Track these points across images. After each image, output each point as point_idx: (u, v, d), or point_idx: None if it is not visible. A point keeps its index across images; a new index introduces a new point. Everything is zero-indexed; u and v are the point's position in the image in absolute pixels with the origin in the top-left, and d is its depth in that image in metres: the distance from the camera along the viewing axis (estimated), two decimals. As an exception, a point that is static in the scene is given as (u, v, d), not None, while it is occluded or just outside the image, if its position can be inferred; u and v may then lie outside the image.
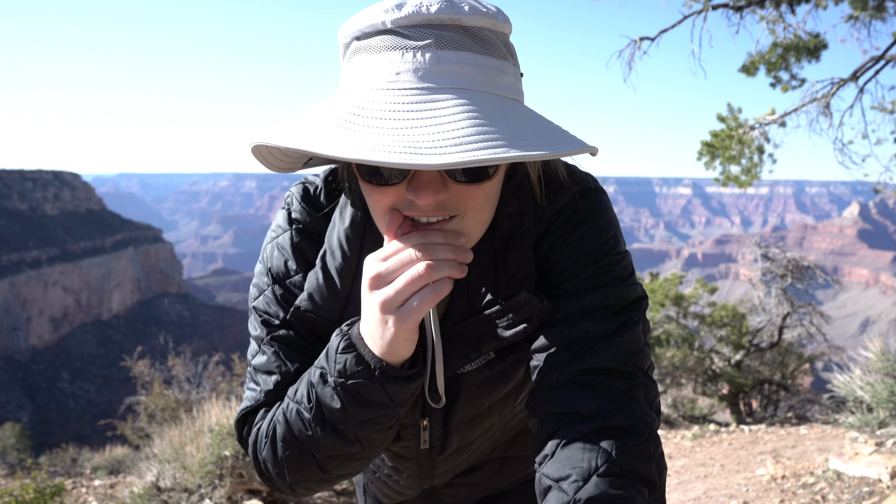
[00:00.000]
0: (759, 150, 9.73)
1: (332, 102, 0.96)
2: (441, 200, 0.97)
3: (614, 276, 1.10)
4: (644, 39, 9.54)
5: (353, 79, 0.96)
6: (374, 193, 1.00)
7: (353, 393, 1.01)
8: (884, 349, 5.29)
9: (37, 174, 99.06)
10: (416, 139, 0.84)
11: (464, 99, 0.89)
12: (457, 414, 1.24)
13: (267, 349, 1.17)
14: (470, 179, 0.97)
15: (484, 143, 0.83)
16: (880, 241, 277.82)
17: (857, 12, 8.85)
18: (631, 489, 0.94)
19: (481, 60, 0.94)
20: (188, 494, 4.95)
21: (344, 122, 0.88)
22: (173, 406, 9.35)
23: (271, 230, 1.23)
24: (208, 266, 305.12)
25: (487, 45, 0.96)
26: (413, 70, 0.91)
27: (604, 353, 1.04)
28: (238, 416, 1.19)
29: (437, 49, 0.91)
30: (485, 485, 1.54)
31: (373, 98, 0.90)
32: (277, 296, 1.18)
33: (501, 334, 1.10)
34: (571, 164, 1.21)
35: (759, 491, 5.02)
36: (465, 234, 1.01)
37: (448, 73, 0.91)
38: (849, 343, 56.35)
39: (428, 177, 0.95)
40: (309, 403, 1.05)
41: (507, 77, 0.98)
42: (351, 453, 1.08)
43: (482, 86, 0.93)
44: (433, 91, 0.90)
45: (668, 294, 12.14)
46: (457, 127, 0.85)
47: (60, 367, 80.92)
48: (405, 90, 0.90)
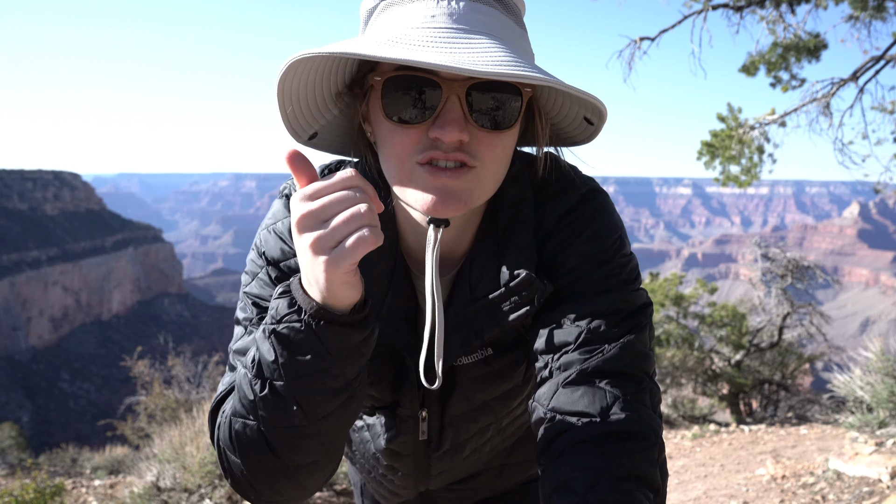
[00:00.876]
0: (759, 149, 9.72)
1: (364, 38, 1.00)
2: (463, 142, 0.98)
3: (622, 279, 1.11)
4: (644, 39, 9.53)
5: (385, 25, 1.00)
6: (396, 136, 1.00)
7: (284, 339, 0.90)
8: (884, 349, 5.29)
9: (37, 174, 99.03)
10: (457, 58, 0.90)
11: (496, 40, 0.96)
12: (451, 406, 1.25)
13: (255, 329, 1.11)
14: (492, 125, 1.00)
15: (520, 67, 0.90)
16: (880, 241, 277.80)
17: (857, 12, 8.84)
18: (637, 493, 0.94)
19: (508, 21, 1.02)
20: (188, 494, 4.95)
21: (383, 43, 0.93)
22: (173, 406, 9.36)
23: (266, 218, 1.22)
24: (208, 266, 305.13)
25: (512, 13, 1.04)
26: (448, 14, 0.97)
27: (613, 355, 1.04)
28: (211, 408, 1.10)
29: (471, 1, 0.99)
30: (484, 490, 1.55)
31: (409, 33, 0.95)
32: (272, 277, 1.14)
33: (504, 318, 1.11)
34: (573, 166, 1.22)
35: (759, 491, 5.02)
36: (483, 185, 1.03)
37: (480, 21, 0.98)
38: (849, 343, 56.37)
39: (455, 114, 0.97)
40: (252, 363, 0.95)
41: (527, 45, 1.06)
42: (294, 424, 0.95)
43: (510, 40, 1.00)
44: (467, 31, 0.96)
45: (668, 294, 12.14)
46: (493, 53, 0.92)
47: (60, 367, 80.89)
48: (441, 28, 0.95)
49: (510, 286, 1.10)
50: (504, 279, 1.11)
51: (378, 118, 1.03)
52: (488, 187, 1.05)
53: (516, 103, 1.01)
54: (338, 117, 1.14)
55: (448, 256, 1.19)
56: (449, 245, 1.17)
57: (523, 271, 1.09)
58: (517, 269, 1.10)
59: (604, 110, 1.04)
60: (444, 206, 1.00)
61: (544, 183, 1.18)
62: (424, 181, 1.00)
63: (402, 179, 1.02)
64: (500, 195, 1.14)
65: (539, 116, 1.12)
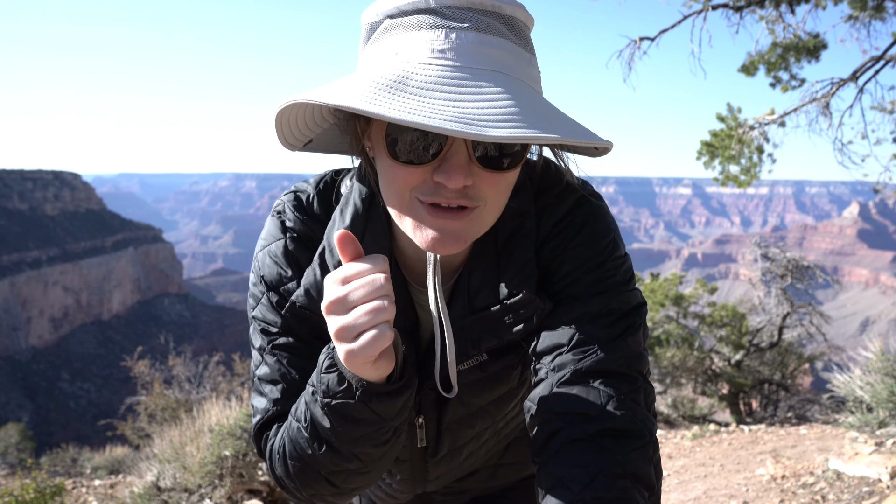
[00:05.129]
0: (758, 149, 9.72)
1: (366, 72, 0.94)
2: (467, 186, 0.97)
3: (616, 280, 1.12)
4: (644, 39, 9.53)
5: (390, 52, 0.95)
6: (399, 173, 0.97)
7: (340, 412, 0.98)
8: (883, 349, 5.28)
9: (37, 174, 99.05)
10: (467, 111, 0.84)
11: (503, 83, 0.91)
12: (448, 413, 1.25)
13: (269, 359, 1.16)
14: (497, 167, 0.97)
15: (527, 124, 0.85)
16: (880, 241, 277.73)
17: (856, 12, 8.84)
18: (632, 490, 0.95)
19: (517, 49, 0.97)
20: (188, 494, 4.95)
21: (388, 87, 0.88)
22: (173, 406, 9.37)
23: (262, 238, 1.22)
24: (208, 266, 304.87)
25: (520, 36, 0.99)
26: (456, 49, 0.92)
27: (607, 356, 1.05)
28: (254, 432, 1.20)
29: (479, 32, 0.93)
30: (477, 489, 1.57)
31: (416, 70, 0.90)
32: (273, 303, 1.16)
33: (502, 333, 1.11)
34: (569, 170, 1.20)
35: (759, 491, 5.03)
36: (484, 221, 1.02)
37: (488, 56, 0.93)
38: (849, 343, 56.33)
39: (460, 160, 0.95)
40: (305, 422, 1.04)
41: (534, 70, 1.01)
42: (352, 469, 1.07)
43: (517, 73, 0.96)
44: (475, 71, 0.91)
45: (668, 294, 12.14)
46: (503, 105, 0.86)
47: (60, 367, 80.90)
48: (449, 66, 0.90)
49: (509, 304, 1.10)
50: (503, 295, 1.10)
51: (380, 150, 1.01)
52: (489, 222, 1.03)
53: (522, 147, 0.99)
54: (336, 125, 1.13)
55: (446, 265, 1.18)
56: (448, 255, 1.16)
57: (523, 290, 1.09)
58: (517, 286, 1.10)
59: (609, 147, 1.00)
60: (443, 246, 0.99)
61: (542, 190, 1.17)
62: (424, 219, 0.99)
63: (401, 210, 1.01)
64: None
65: None
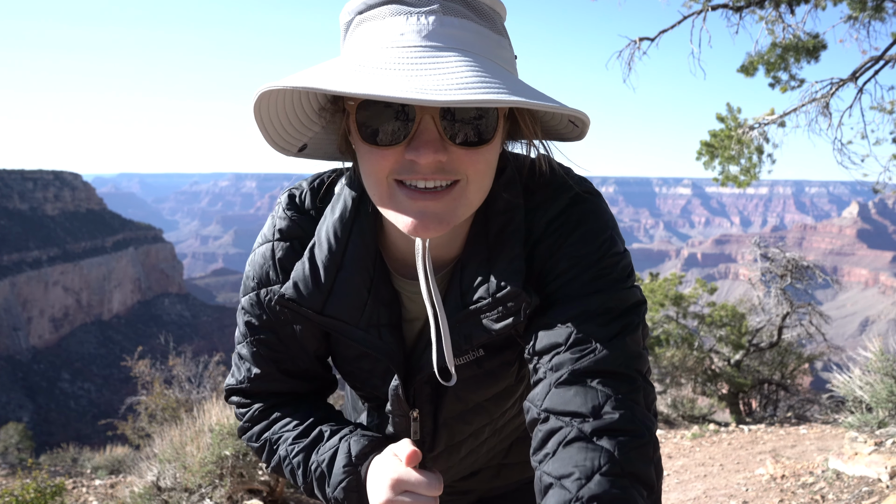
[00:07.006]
0: (758, 150, 9.72)
1: (335, 62, 0.98)
2: (441, 162, 0.97)
3: (613, 278, 1.10)
4: (643, 40, 9.53)
5: (358, 44, 0.98)
6: (372, 157, 1.00)
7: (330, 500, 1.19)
8: (883, 349, 5.29)
9: (37, 174, 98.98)
10: (422, 83, 0.86)
11: (467, 57, 0.93)
12: (444, 408, 1.25)
13: (249, 347, 1.27)
14: (470, 142, 0.99)
15: (486, 88, 0.87)
16: (880, 241, 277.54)
17: (856, 13, 8.84)
18: (631, 490, 0.95)
19: (482, 30, 0.99)
20: (188, 494, 4.95)
21: (350, 70, 0.91)
22: (174, 406, 9.37)
23: (260, 235, 1.26)
24: (208, 266, 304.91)
25: (486, 18, 1.01)
26: (417, 31, 0.94)
27: (606, 355, 1.04)
28: (226, 389, 1.35)
29: (442, 14, 0.96)
30: (481, 489, 1.56)
31: (378, 54, 0.93)
32: (259, 298, 1.23)
33: (491, 327, 1.12)
34: (567, 167, 1.21)
35: (759, 491, 5.03)
36: (468, 200, 1.03)
37: (451, 35, 0.95)
38: (848, 343, 56.23)
39: (428, 136, 0.96)
40: (305, 478, 1.22)
41: (504, 52, 1.02)
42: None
43: (483, 51, 0.97)
44: (437, 49, 0.93)
45: (667, 294, 12.14)
46: (461, 75, 0.88)
47: (61, 367, 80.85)
48: (410, 47, 0.93)
49: (496, 297, 1.10)
50: (491, 289, 1.11)
51: (356, 139, 1.03)
52: (473, 202, 1.04)
53: (492, 116, 1.00)
54: (325, 129, 1.15)
55: (439, 259, 1.19)
56: (440, 249, 1.17)
57: (510, 284, 1.09)
58: (504, 280, 1.10)
59: (584, 118, 1.02)
60: (425, 229, 1.00)
61: (536, 187, 1.17)
62: (404, 203, 1.00)
63: (381, 199, 1.03)
64: (493, 200, 1.14)
65: (524, 116, 1.10)
